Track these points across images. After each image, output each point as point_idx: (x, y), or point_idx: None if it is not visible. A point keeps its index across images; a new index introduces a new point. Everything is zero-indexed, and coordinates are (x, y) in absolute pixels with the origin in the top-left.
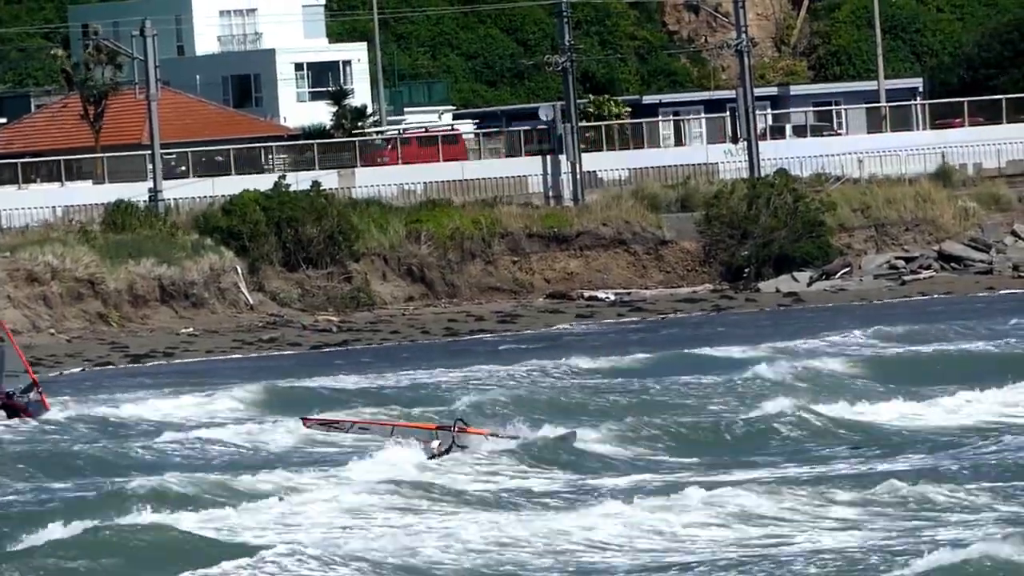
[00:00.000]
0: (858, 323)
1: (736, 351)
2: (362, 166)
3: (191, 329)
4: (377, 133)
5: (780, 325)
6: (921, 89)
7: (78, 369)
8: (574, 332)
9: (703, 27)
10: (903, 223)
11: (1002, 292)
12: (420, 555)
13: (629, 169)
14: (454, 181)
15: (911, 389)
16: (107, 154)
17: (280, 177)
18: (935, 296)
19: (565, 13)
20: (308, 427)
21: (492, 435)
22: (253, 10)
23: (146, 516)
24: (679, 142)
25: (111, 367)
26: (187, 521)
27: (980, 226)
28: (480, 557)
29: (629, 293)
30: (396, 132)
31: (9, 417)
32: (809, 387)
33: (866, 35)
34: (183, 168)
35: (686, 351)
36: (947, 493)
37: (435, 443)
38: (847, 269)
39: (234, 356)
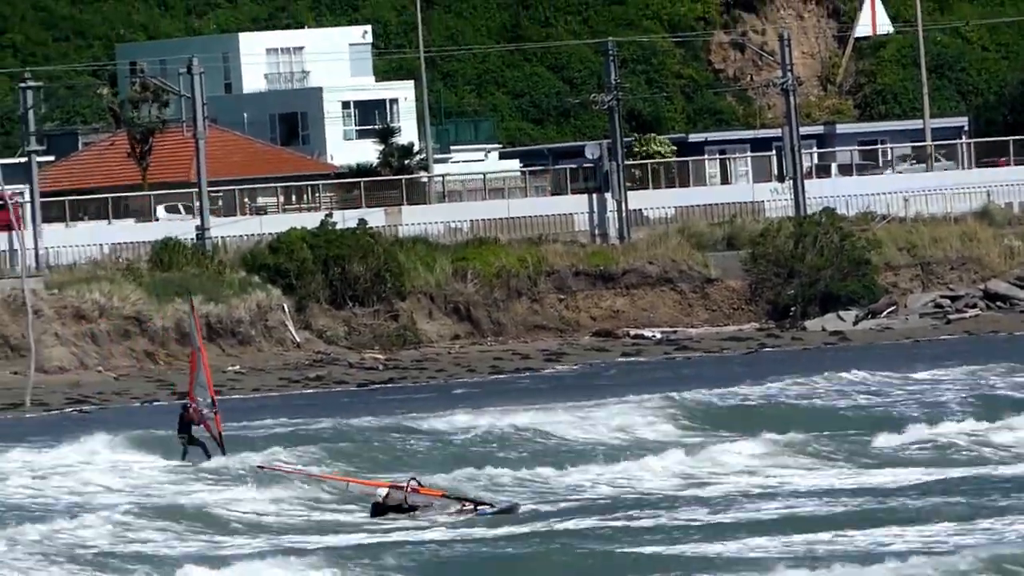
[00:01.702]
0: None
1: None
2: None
3: (238, 367)
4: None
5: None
6: (966, 128)
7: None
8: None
9: (749, 66)
10: (948, 262)
11: None
12: None
13: (675, 207)
14: (500, 219)
15: None
16: (154, 191)
17: (327, 215)
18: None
19: (611, 52)
20: (262, 471)
21: (445, 497)
22: (300, 48)
23: None
24: (725, 180)
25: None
26: None
27: None
28: None
29: (675, 331)
30: None
31: (180, 429)
32: None
33: (911, 74)
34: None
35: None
36: None
37: (382, 491)
38: (893, 308)
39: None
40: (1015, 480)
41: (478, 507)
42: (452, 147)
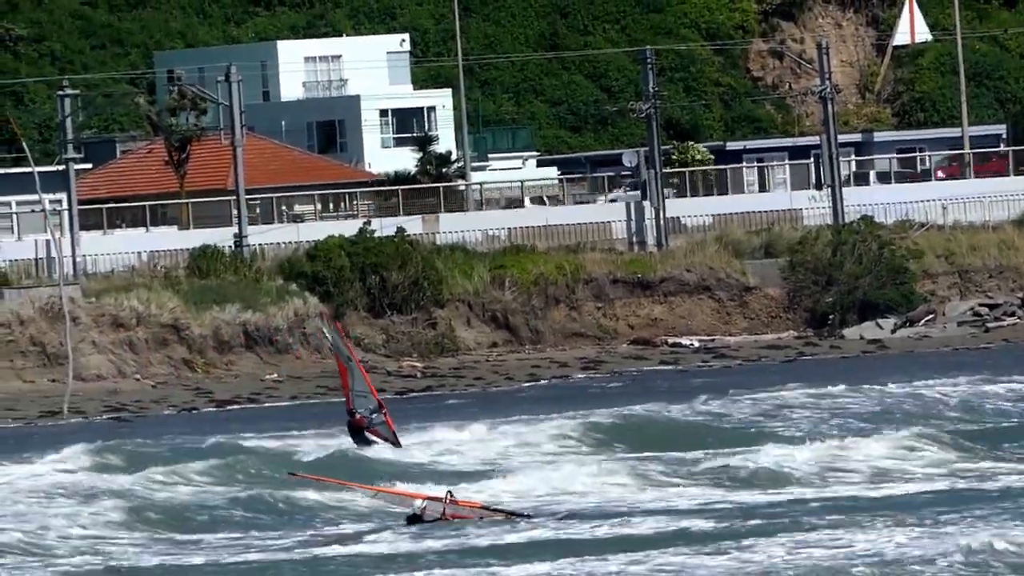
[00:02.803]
0: None
1: None
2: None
3: (275, 375)
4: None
5: None
6: (1005, 135)
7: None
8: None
9: (787, 74)
10: (987, 270)
11: None
12: None
13: (713, 215)
14: (538, 227)
15: None
16: (192, 199)
17: (365, 223)
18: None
19: (649, 60)
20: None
21: (484, 508)
22: (338, 56)
23: None
24: (763, 188)
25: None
26: None
27: None
28: None
29: (713, 340)
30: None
31: (353, 435)
32: None
33: (950, 82)
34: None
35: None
36: None
37: (418, 503)
38: (931, 316)
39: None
40: (788, 505)
41: (512, 517)
42: (490, 155)
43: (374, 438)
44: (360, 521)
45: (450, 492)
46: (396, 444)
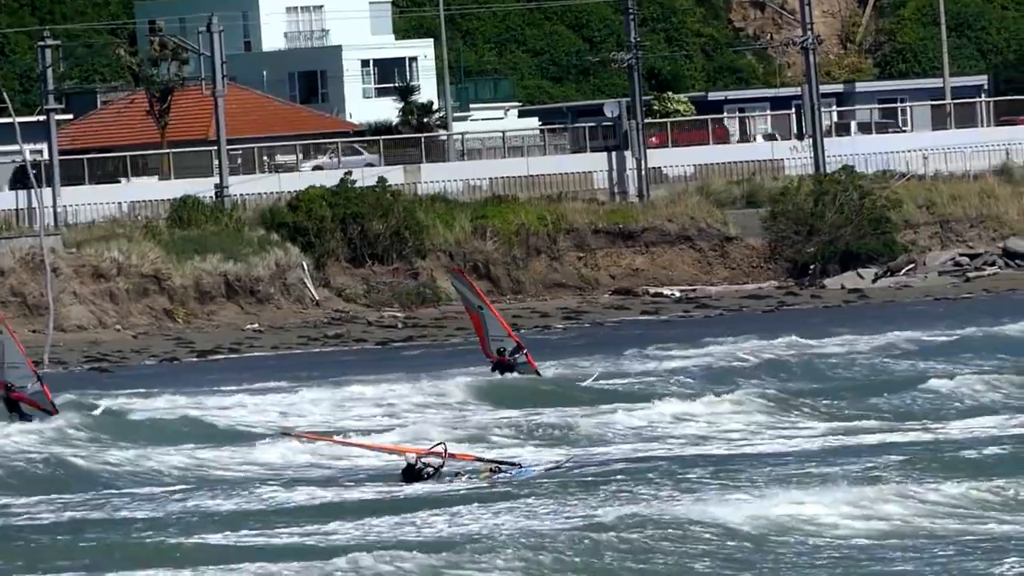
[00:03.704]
0: None
1: None
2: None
3: (256, 325)
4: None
5: None
6: (986, 86)
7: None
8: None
9: (769, 24)
10: (967, 220)
11: None
12: None
13: (694, 165)
14: (519, 177)
15: None
16: (173, 150)
17: (346, 173)
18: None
19: (631, 10)
20: (293, 438)
21: (479, 460)
22: (320, 7)
23: None
24: (744, 139)
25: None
26: None
27: None
28: None
29: (694, 290)
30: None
31: (501, 373)
32: None
33: (931, 33)
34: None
35: None
36: None
37: (412, 457)
38: (912, 266)
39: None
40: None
41: (501, 468)
42: (471, 106)
43: (516, 373)
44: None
45: (444, 445)
46: (537, 373)
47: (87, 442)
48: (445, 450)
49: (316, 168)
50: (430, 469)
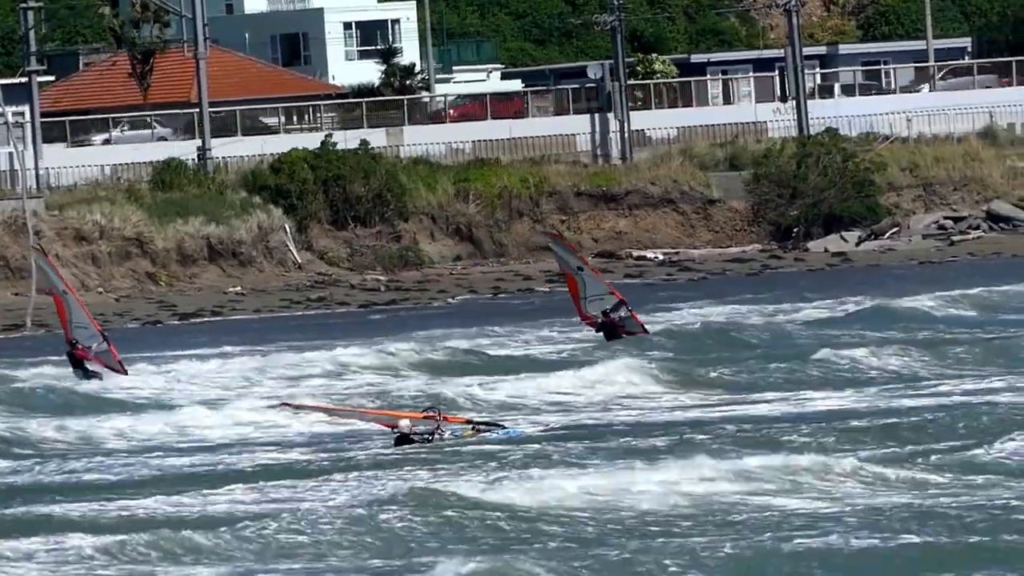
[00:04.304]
0: None
1: None
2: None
3: (239, 288)
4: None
5: None
6: (969, 49)
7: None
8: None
9: None
10: (951, 182)
11: None
12: None
13: (677, 128)
14: (502, 140)
15: None
16: (156, 112)
17: (328, 135)
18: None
19: None
20: (283, 410)
21: (468, 423)
22: None
23: None
24: (728, 101)
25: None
26: None
27: None
28: None
29: (677, 253)
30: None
31: (608, 337)
32: None
33: None
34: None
35: None
36: None
37: (405, 422)
38: (896, 229)
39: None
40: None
41: (489, 429)
42: (454, 68)
43: (626, 333)
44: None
45: (438, 410)
46: (645, 331)
47: None
48: (439, 415)
49: (105, 142)
50: (424, 437)
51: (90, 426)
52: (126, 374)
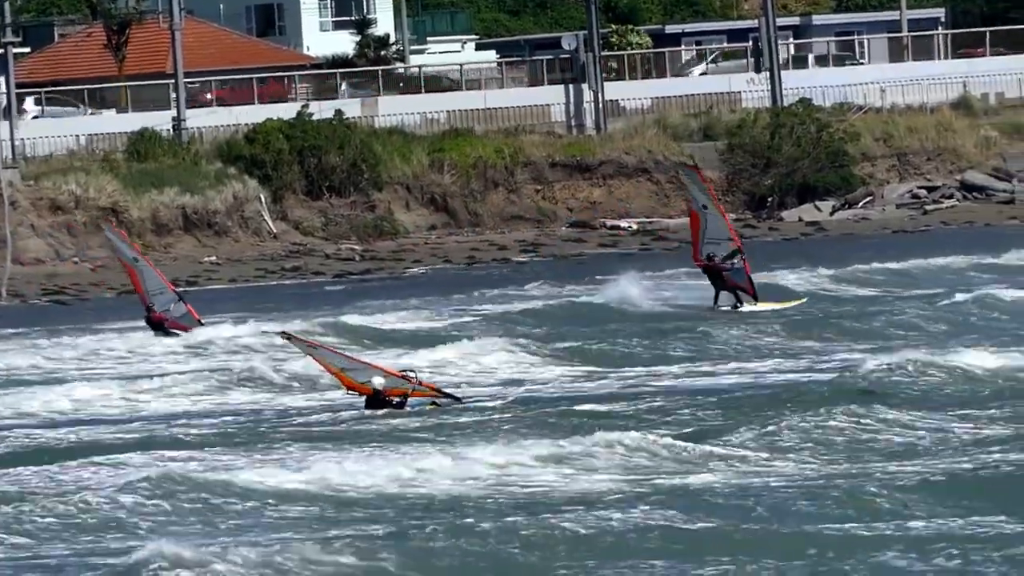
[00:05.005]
0: None
1: None
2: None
3: (214, 258)
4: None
5: None
6: (943, 19)
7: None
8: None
9: None
10: (925, 152)
11: None
12: None
13: (651, 98)
14: (477, 110)
15: None
16: (131, 83)
17: (303, 106)
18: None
19: None
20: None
21: (437, 392)
22: None
23: None
24: (702, 71)
25: None
26: None
27: (1002, 155)
28: None
29: (652, 222)
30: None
31: (711, 279)
32: None
33: None
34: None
35: None
36: None
37: (380, 380)
38: (869, 198)
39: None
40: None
41: (448, 399)
42: (428, 38)
43: (740, 300)
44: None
45: (414, 373)
46: (755, 295)
47: None
48: (416, 379)
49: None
50: (394, 399)
51: None
52: (202, 325)
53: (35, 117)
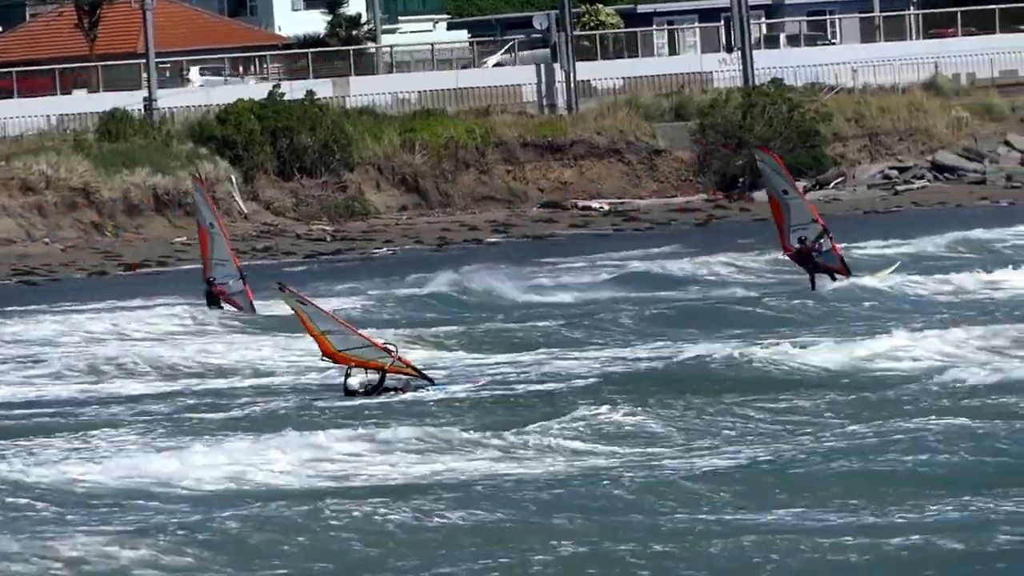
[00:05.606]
0: None
1: None
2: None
3: (185, 238)
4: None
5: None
6: None
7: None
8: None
9: None
10: (896, 133)
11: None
12: None
13: (623, 78)
14: (448, 90)
15: None
16: (102, 63)
17: (275, 86)
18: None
19: None
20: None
21: (413, 371)
22: None
23: None
24: (673, 51)
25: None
26: None
27: (973, 136)
28: None
29: (623, 203)
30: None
31: (803, 264)
32: None
33: None
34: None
35: None
36: None
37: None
38: (841, 179)
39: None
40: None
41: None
42: (400, 18)
43: (823, 275)
44: None
45: (395, 348)
46: (848, 272)
47: None
48: (396, 353)
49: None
50: (371, 382)
51: None
52: (255, 314)
53: (201, 86)
